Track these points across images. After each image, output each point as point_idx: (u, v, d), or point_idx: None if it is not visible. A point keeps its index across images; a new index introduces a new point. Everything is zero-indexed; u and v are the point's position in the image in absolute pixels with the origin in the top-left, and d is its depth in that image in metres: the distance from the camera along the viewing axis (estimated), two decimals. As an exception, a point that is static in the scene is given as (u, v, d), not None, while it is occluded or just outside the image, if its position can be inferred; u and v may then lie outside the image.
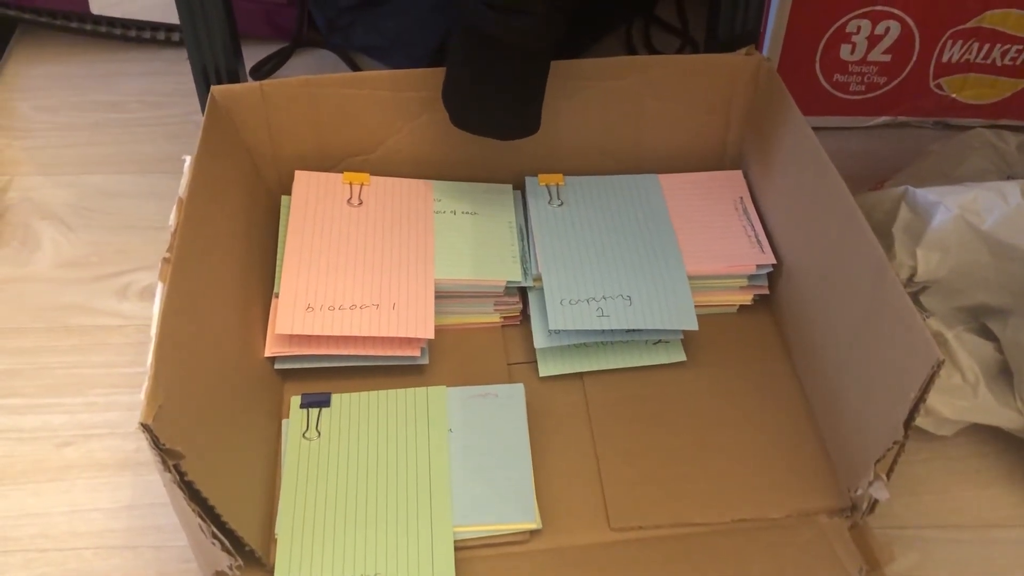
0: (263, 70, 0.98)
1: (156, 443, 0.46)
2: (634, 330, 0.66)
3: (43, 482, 0.63)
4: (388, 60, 0.95)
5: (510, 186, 0.75)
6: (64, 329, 0.73)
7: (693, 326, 0.66)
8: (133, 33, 1.01)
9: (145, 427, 0.46)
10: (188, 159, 0.62)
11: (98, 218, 0.83)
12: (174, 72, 0.97)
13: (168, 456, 0.47)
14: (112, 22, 1.00)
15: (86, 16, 0.99)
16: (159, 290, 0.53)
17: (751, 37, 0.72)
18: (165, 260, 0.55)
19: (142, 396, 0.47)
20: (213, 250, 0.61)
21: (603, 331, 0.66)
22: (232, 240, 0.65)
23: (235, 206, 0.67)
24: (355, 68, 0.97)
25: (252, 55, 0.98)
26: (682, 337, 0.68)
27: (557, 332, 0.66)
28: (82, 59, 1.00)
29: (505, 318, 0.71)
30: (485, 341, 0.70)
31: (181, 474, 0.48)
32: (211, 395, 0.56)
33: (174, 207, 0.58)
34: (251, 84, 0.70)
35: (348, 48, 0.97)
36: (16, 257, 0.79)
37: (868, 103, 0.89)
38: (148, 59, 1.00)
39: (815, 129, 0.65)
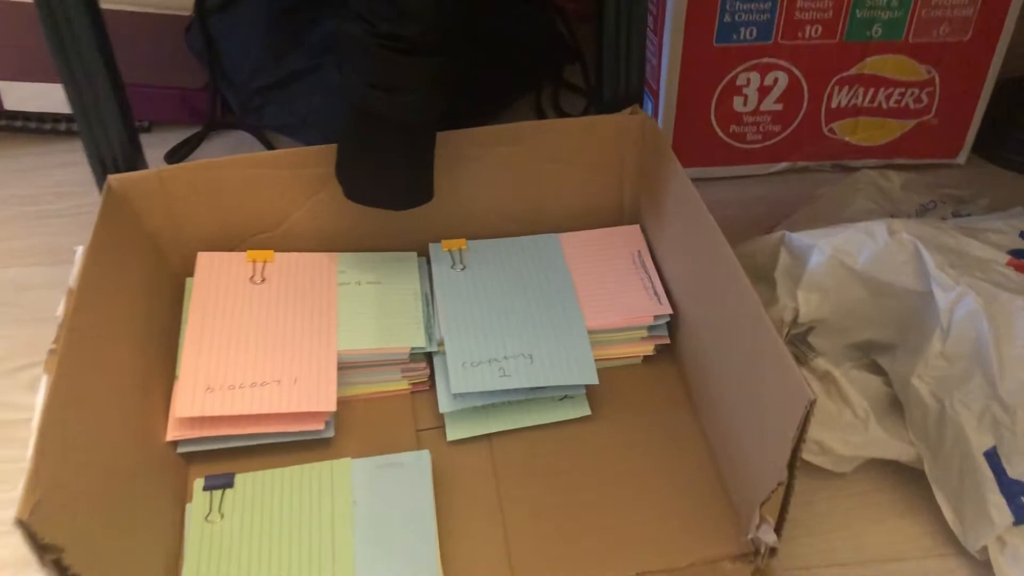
0: (179, 154, 0.99)
1: (33, 538, 0.46)
2: (537, 387, 0.67)
3: (-56, 584, 0.62)
4: (301, 138, 0.96)
5: (414, 253, 0.77)
6: (-29, 426, 0.72)
7: (593, 380, 0.67)
8: (48, 126, 1.02)
9: (20, 522, 0.46)
10: (80, 249, 0.62)
11: (11, 312, 0.82)
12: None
13: (46, 551, 0.46)
14: (26, 116, 1.01)
15: (1, 112, 1.00)
16: (43, 382, 0.53)
17: (635, 96, 0.75)
18: (51, 352, 0.55)
19: (18, 491, 0.47)
20: (107, 337, 0.61)
21: (506, 391, 0.66)
22: (130, 326, 0.65)
23: (134, 292, 0.67)
24: (270, 147, 0.98)
25: (169, 140, 1.00)
26: (584, 391, 0.69)
27: (461, 395, 0.66)
28: (0, 155, 1.01)
29: (414, 384, 0.71)
30: (393, 409, 0.70)
31: (63, 568, 0.47)
32: (103, 484, 0.55)
33: (63, 301, 0.59)
34: (148, 171, 0.71)
35: (262, 128, 0.99)
36: (-74, 356, 0.78)
37: (766, 151, 0.92)
38: (65, 151, 1.02)
39: (717, 180, 0.67)
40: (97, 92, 0.68)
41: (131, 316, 0.66)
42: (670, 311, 0.71)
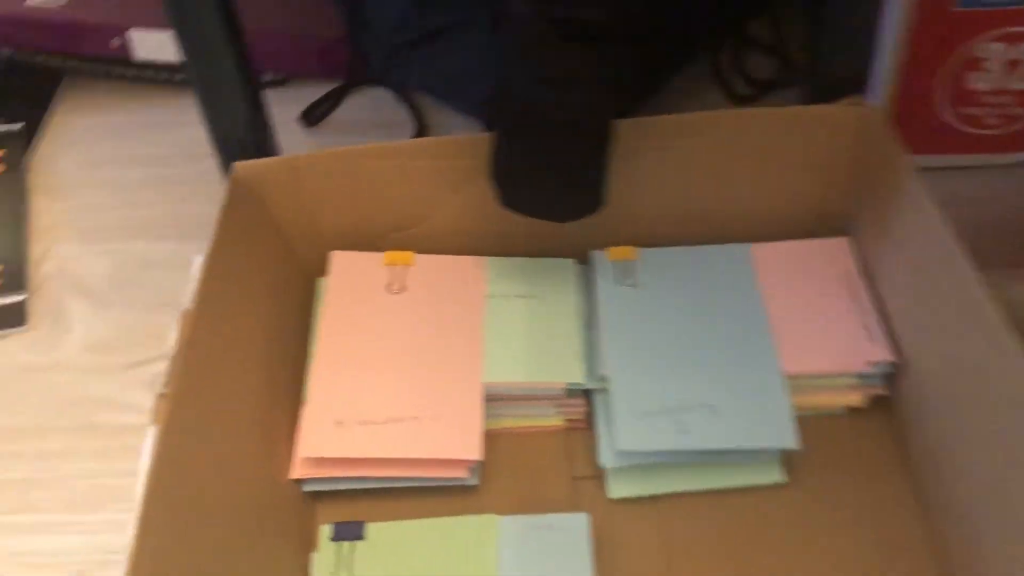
0: (315, 114, 0.90)
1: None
2: (722, 451, 0.55)
3: (53, 618, 0.57)
4: (449, 101, 0.86)
5: (572, 261, 0.65)
6: (90, 429, 0.67)
7: (792, 444, 0.55)
8: (181, 77, 0.95)
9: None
10: (196, 262, 0.54)
11: (132, 294, 0.76)
12: (219, 121, 0.90)
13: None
14: (159, 67, 0.94)
15: (130, 63, 0.93)
16: (149, 438, 0.46)
17: (859, 82, 0.60)
18: (160, 397, 0.47)
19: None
20: (228, 364, 0.54)
21: (683, 452, 0.55)
22: (254, 342, 0.57)
23: (260, 297, 0.59)
24: (414, 109, 0.88)
25: (305, 96, 0.91)
26: (779, 454, 0.57)
27: (628, 452, 0.56)
28: (127, 108, 0.94)
29: (570, 421, 0.61)
30: (545, 449, 0.60)
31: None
32: (219, 535, 0.48)
33: (175, 324, 0.51)
34: (280, 159, 0.62)
35: (406, 86, 0.89)
36: (46, 340, 0.73)
37: (1007, 139, 0.75)
38: (192, 106, 0.94)
39: (939, 169, 0.53)
40: (217, 58, 0.59)
41: (256, 329, 0.58)
42: (892, 357, 0.57)
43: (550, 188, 0.54)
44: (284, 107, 0.88)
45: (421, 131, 0.85)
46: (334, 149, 0.62)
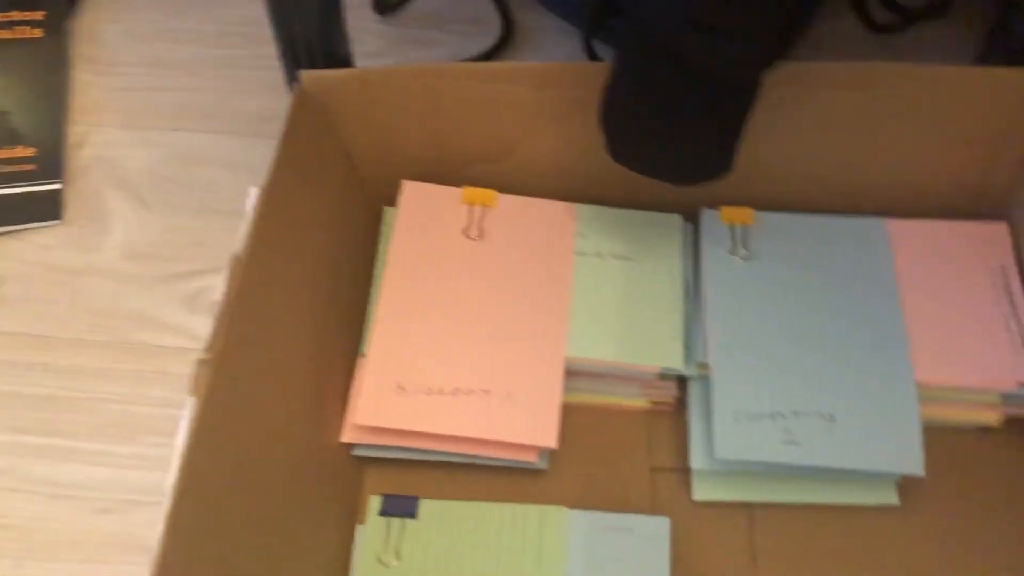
0: (390, 2, 0.80)
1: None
2: (835, 469, 0.48)
3: (73, 561, 0.52)
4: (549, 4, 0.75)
5: (679, 217, 0.57)
6: (124, 347, 0.61)
7: (918, 471, 0.48)
8: (242, -56, 0.84)
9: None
10: (253, 194, 0.46)
11: (178, 193, 0.69)
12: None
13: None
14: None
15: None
16: (187, 412, 0.39)
17: (1060, 45, 0.49)
18: (201, 363, 0.40)
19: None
20: (278, 322, 0.47)
21: (791, 466, 0.48)
22: (310, 288, 0.50)
23: (320, 235, 0.52)
24: (500, 3, 0.77)
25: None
26: (898, 476, 0.49)
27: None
28: (181, -26, 0.85)
29: (655, 403, 0.54)
30: (625, 433, 0.53)
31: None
32: (260, 502, 0.43)
33: (225, 273, 0.43)
34: (352, 72, 0.54)
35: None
36: (83, 240, 0.67)
37: None
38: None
39: None
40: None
41: (314, 268, 0.51)
42: (1046, 379, 0.49)
43: (675, 147, 0.45)
44: (355, -9, 0.79)
45: (507, 31, 0.75)
46: (415, 64, 0.53)
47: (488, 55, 0.74)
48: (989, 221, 0.55)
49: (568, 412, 0.53)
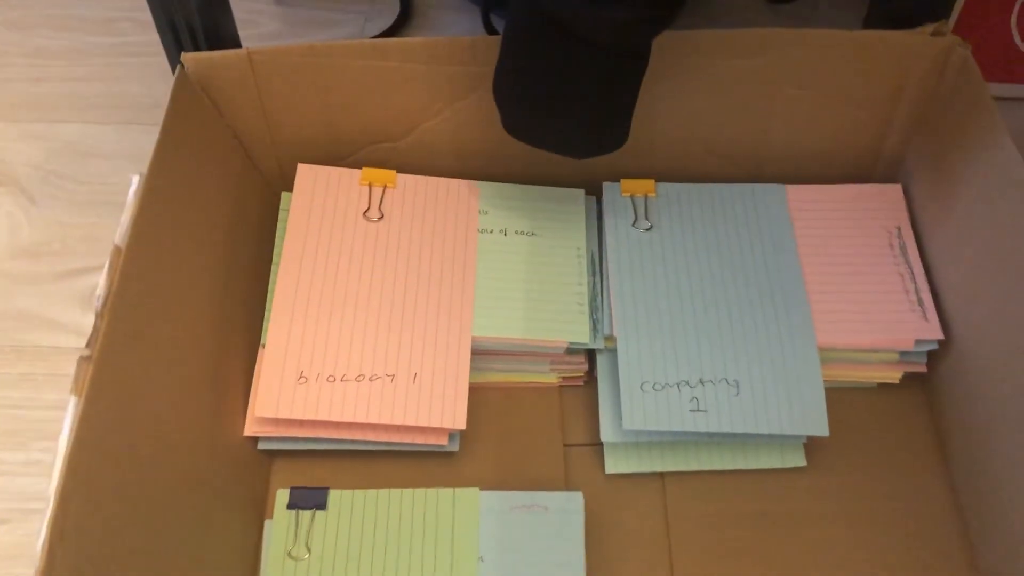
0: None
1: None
2: (742, 435, 0.48)
3: (-31, 577, 0.50)
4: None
5: (582, 192, 0.56)
6: (15, 350, 0.58)
7: (822, 431, 0.48)
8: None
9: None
10: (136, 180, 0.44)
11: (66, 188, 0.66)
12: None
13: None
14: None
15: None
16: (69, 412, 0.37)
17: (942, 6, 0.50)
18: (83, 359, 0.39)
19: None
20: (169, 312, 0.45)
21: (697, 434, 0.48)
22: (204, 277, 0.48)
23: (212, 223, 0.50)
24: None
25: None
26: (804, 439, 0.50)
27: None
28: (63, -41, 0.81)
29: (565, 378, 0.53)
30: (537, 410, 0.53)
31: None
32: (152, 528, 0.41)
33: (106, 265, 0.41)
34: (239, 52, 0.51)
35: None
36: (-35, 239, 0.63)
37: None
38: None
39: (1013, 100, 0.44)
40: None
41: (207, 258, 0.49)
42: (940, 335, 0.50)
43: (569, 118, 0.45)
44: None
45: (406, 9, 0.74)
46: (303, 43, 0.51)
47: (388, 33, 0.73)
48: (884, 184, 0.56)
49: (478, 392, 0.52)
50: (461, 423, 0.48)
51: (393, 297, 0.51)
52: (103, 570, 0.37)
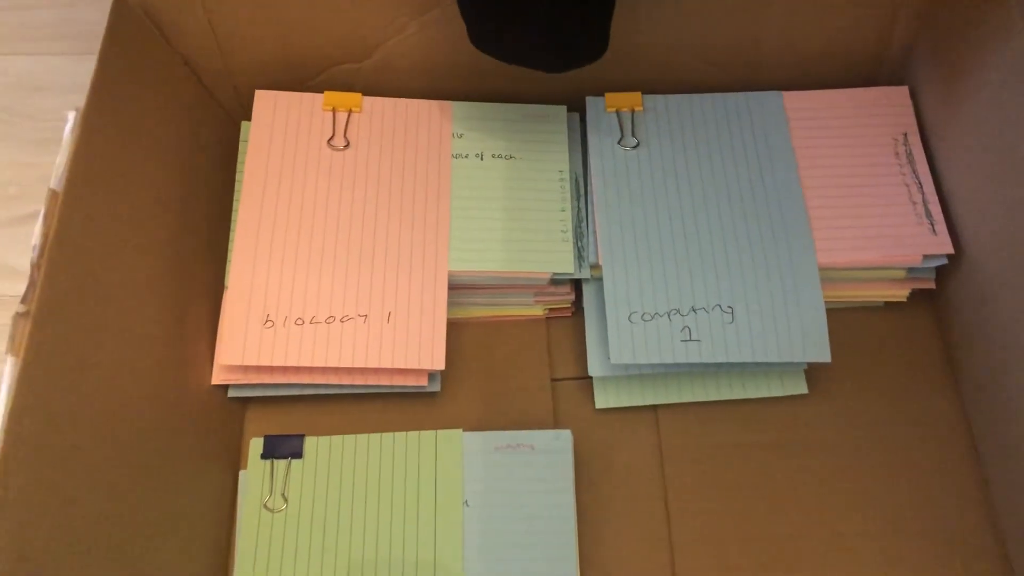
0: None
1: None
2: (738, 364, 0.46)
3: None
4: None
5: (563, 109, 0.52)
6: (-29, 300, 0.55)
7: (824, 357, 0.45)
8: None
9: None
10: (72, 117, 0.41)
11: (18, 125, 0.62)
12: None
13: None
14: None
15: None
16: (7, 371, 0.35)
17: None
18: (19, 316, 0.36)
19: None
20: (118, 259, 0.42)
21: (691, 364, 0.45)
22: (158, 219, 0.45)
23: (164, 160, 0.46)
24: None
25: None
26: (805, 365, 0.47)
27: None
28: None
29: (551, 310, 0.50)
30: (522, 345, 0.50)
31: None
32: (116, 487, 0.38)
33: (41, 212, 0.38)
34: (179, -31, 0.47)
35: None
36: (-85, 184, 0.60)
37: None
38: None
39: None
40: None
41: (160, 197, 0.46)
42: (950, 249, 0.47)
43: (541, 28, 0.40)
44: None
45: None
46: (252, -44, 0.47)
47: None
48: (889, 87, 0.51)
49: (459, 328, 0.50)
50: (440, 363, 0.45)
51: (363, 231, 0.48)
52: (56, 540, 0.35)
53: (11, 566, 0.32)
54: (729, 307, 0.46)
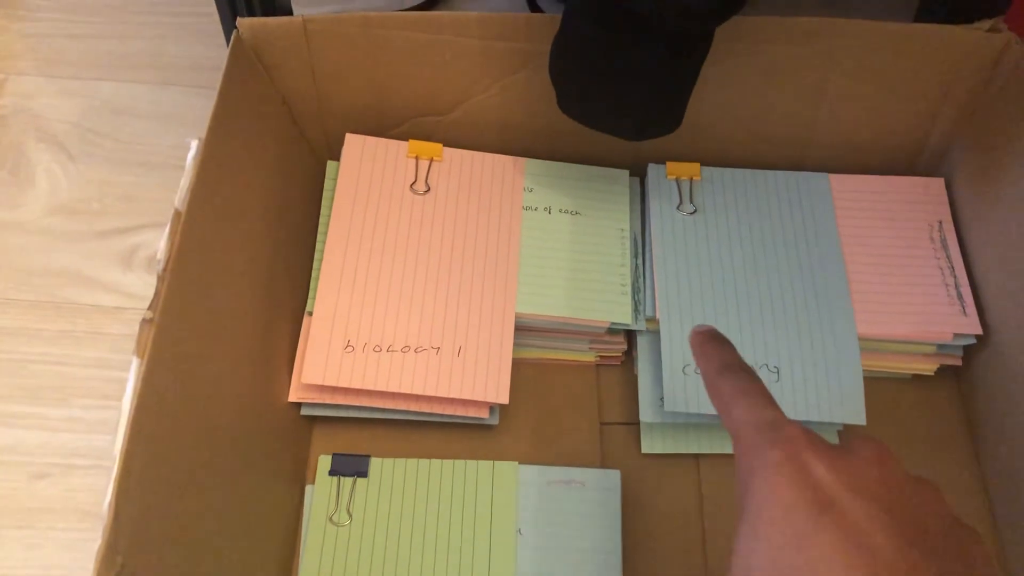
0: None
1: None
2: (778, 418, 0.49)
3: (10, 527, 0.51)
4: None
5: (626, 173, 0.57)
6: (53, 306, 0.59)
7: (860, 420, 0.49)
8: None
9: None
10: (194, 145, 0.45)
11: (105, 146, 0.66)
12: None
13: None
14: None
15: None
16: (132, 373, 0.38)
17: (1002, 3, 0.50)
18: (145, 322, 0.39)
19: (96, 553, 0.34)
20: (224, 278, 0.45)
21: (735, 416, 0.49)
22: (255, 244, 0.49)
23: (263, 192, 0.50)
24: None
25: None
26: (840, 425, 0.51)
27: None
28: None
29: (603, 357, 0.54)
30: (573, 387, 0.54)
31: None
32: (202, 488, 0.41)
33: (166, 230, 0.42)
34: (292, 19, 0.51)
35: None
36: (5, 192, 0.63)
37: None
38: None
39: None
40: None
41: (258, 226, 0.49)
42: (979, 330, 0.51)
43: (626, 101, 0.45)
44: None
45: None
46: (357, 13, 0.51)
47: (426, 5, 0.73)
48: (928, 178, 0.56)
49: (517, 368, 0.53)
50: (504, 397, 0.49)
51: (439, 270, 0.51)
52: (163, 528, 0.38)
53: (132, 554, 0.35)
54: (776, 367, 0.49)
